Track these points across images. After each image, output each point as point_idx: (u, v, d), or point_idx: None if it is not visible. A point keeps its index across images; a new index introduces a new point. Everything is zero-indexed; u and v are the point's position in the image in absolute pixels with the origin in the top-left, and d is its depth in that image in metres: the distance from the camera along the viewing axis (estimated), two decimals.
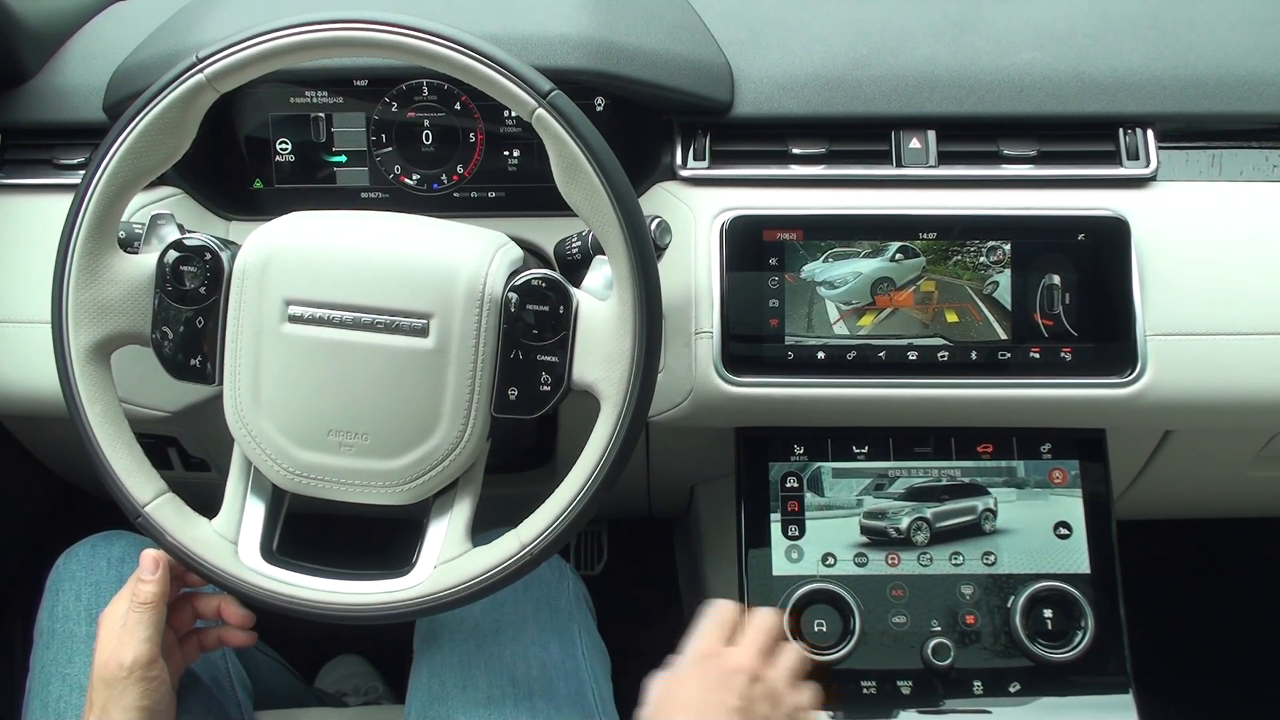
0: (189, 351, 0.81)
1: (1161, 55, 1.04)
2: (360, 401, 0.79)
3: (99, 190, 0.79)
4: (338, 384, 0.79)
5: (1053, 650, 0.98)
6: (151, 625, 0.85)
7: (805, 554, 1.01)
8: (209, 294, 0.81)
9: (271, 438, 0.81)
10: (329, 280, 0.79)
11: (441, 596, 0.79)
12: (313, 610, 0.80)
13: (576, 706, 0.97)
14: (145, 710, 0.83)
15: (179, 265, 0.80)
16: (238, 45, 0.76)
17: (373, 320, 0.78)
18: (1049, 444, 1.03)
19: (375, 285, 0.78)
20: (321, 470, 0.81)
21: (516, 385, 0.79)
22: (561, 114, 0.75)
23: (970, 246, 0.97)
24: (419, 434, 0.79)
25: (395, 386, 0.78)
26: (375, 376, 0.78)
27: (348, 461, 0.80)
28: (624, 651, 1.12)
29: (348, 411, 0.79)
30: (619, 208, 0.75)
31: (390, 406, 0.79)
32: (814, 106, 1.02)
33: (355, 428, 0.79)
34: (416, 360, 0.78)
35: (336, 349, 0.78)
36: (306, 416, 0.80)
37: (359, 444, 0.79)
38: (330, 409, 0.79)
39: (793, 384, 0.97)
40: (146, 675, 0.83)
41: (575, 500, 0.78)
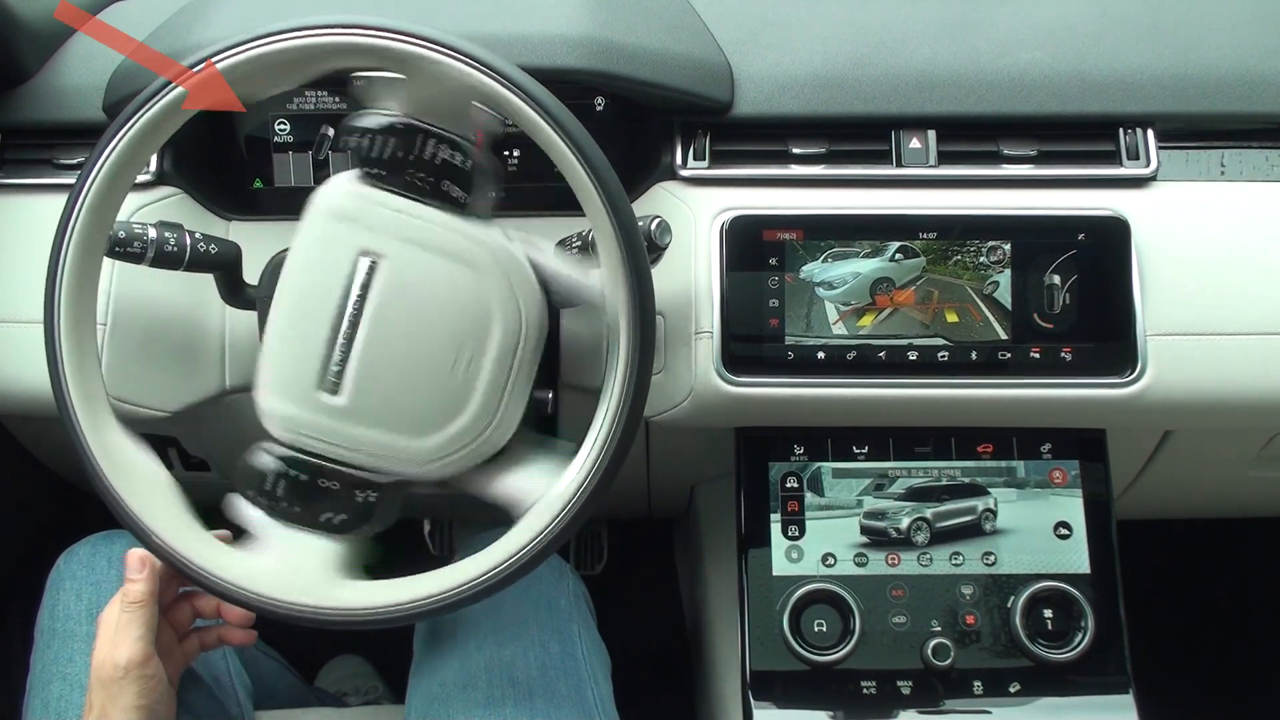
0: (358, 496, 0.80)
1: (1162, 55, 1.04)
2: (429, 341, 0.78)
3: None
4: (409, 358, 0.78)
5: (1053, 650, 0.98)
6: (144, 624, 0.85)
7: (805, 554, 1.01)
8: (308, 476, 0.79)
9: (452, 435, 0.79)
10: (302, 347, 0.78)
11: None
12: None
13: (576, 706, 0.97)
14: (143, 709, 0.83)
15: (279, 497, 0.79)
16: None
17: (353, 311, 0.77)
18: (1049, 444, 1.03)
19: (316, 302, 0.77)
20: (490, 398, 0.79)
21: (451, 183, 0.78)
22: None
23: (970, 246, 0.97)
24: (474, 295, 0.78)
25: (422, 303, 0.77)
26: (408, 319, 0.77)
27: (487, 369, 0.78)
28: (624, 651, 1.12)
29: (436, 354, 0.78)
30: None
31: (440, 314, 0.78)
32: (814, 106, 1.02)
33: (454, 351, 0.78)
34: (401, 277, 0.77)
35: (374, 349, 0.77)
36: (434, 395, 0.78)
37: (471, 350, 0.78)
38: (432, 369, 0.78)
39: (793, 384, 0.97)
40: (142, 674, 0.83)
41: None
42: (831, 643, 0.98)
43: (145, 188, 1.01)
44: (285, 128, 1.04)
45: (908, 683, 0.98)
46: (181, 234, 0.89)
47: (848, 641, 0.98)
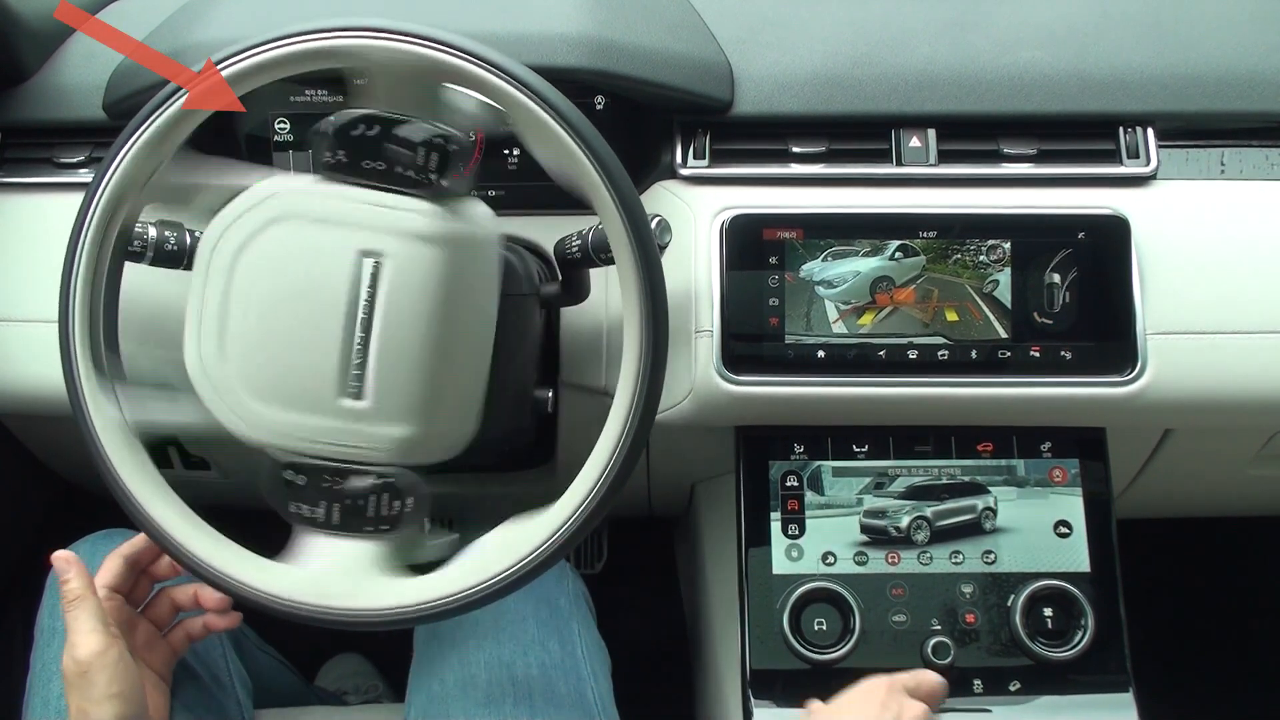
0: (388, 503, 0.79)
1: (1162, 54, 1.04)
2: (439, 330, 0.77)
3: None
4: (424, 347, 0.77)
5: (1053, 649, 0.98)
6: (89, 616, 0.84)
7: (805, 553, 1.01)
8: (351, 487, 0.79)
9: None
10: (313, 358, 0.77)
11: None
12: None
13: (576, 706, 0.97)
14: (119, 697, 0.82)
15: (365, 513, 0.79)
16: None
17: (362, 315, 0.76)
18: (1049, 443, 1.03)
19: (317, 306, 0.76)
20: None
21: (402, 165, 0.76)
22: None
23: (970, 245, 0.97)
24: (475, 271, 0.79)
25: (428, 293, 0.77)
26: (415, 310, 0.77)
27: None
28: (624, 650, 1.12)
29: (446, 340, 0.78)
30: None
31: (446, 302, 0.77)
32: (814, 105, 1.02)
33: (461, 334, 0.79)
34: (404, 271, 0.76)
35: (390, 344, 0.77)
36: (456, 380, 0.79)
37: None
38: (441, 355, 0.78)
39: (793, 383, 0.97)
40: (103, 663, 0.82)
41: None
42: (831, 641, 0.98)
43: None
44: (285, 126, 1.04)
45: None
46: (181, 233, 0.89)
47: (848, 640, 0.98)
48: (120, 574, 0.90)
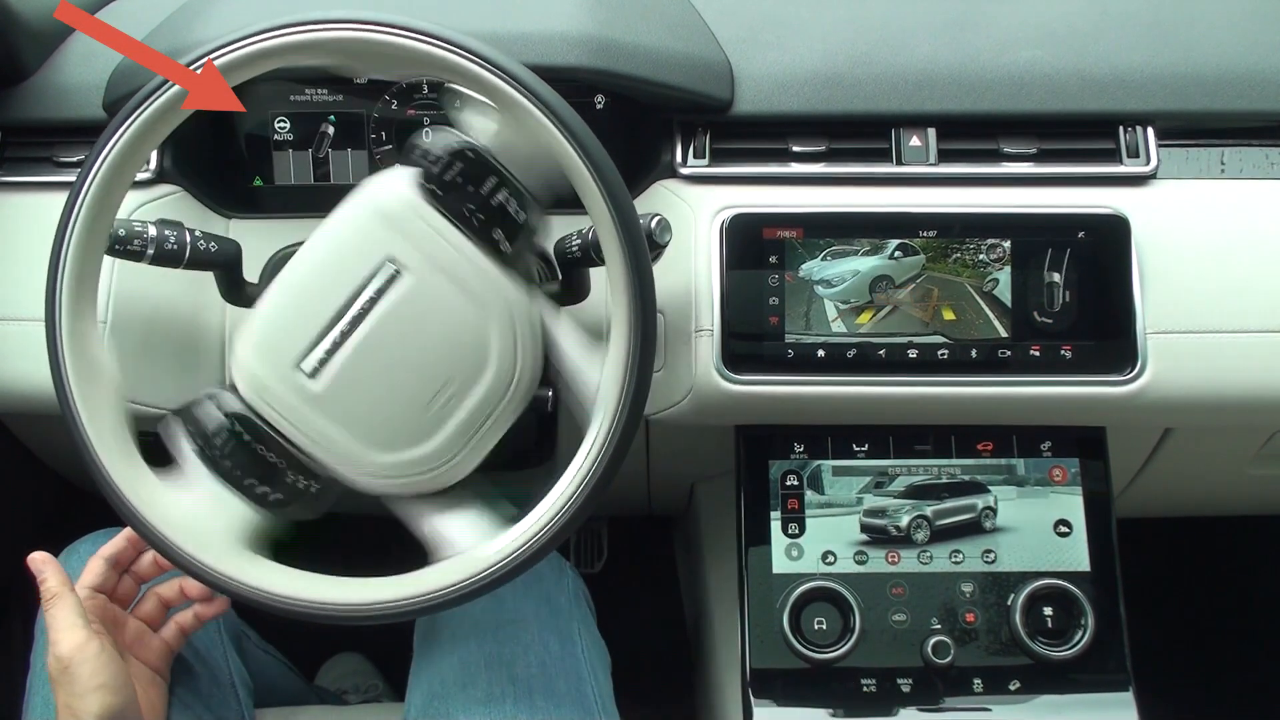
0: (294, 478, 0.80)
1: (1161, 53, 1.04)
2: (420, 364, 0.78)
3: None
4: (395, 373, 0.78)
5: (1052, 648, 0.98)
6: (69, 613, 0.85)
7: (805, 552, 1.01)
8: (254, 441, 0.79)
9: (405, 461, 0.79)
10: (300, 322, 0.78)
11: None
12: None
13: (576, 704, 0.97)
14: (103, 688, 0.82)
15: (221, 452, 0.79)
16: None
17: (359, 310, 0.77)
18: (1049, 442, 1.03)
19: (330, 286, 0.78)
20: (455, 440, 0.79)
21: (501, 232, 0.78)
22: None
23: (970, 244, 0.97)
24: (479, 338, 0.78)
25: (426, 328, 0.78)
26: (408, 338, 0.77)
27: (463, 411, 0.79)
28: (624, 649, 1.12)
29: (422, 380, 0.78)
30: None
31: (440, 345, 0.78)
32: (814, 104, 1.02)
33: (439, 383, 0.78)
34: (417, 297, 0.77)
35: (365, 353, 0.78)
36: (404, 417, 0.79)
37: (454, 389, 0.78)
38: (412, 392, 0.78)
39: (793, 382, 0.97)
40: (84, 657, 0.82)
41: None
42: (831, 640, 0.98)
43: (145, 185, 1.02)
44: (285, 125, 1.04)
45: (908, 680, 0.98)
46: (181, 232, 0.89)
47: (848, 639, 0.98)
48: (101, 574, 0.91)
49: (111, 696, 0.82)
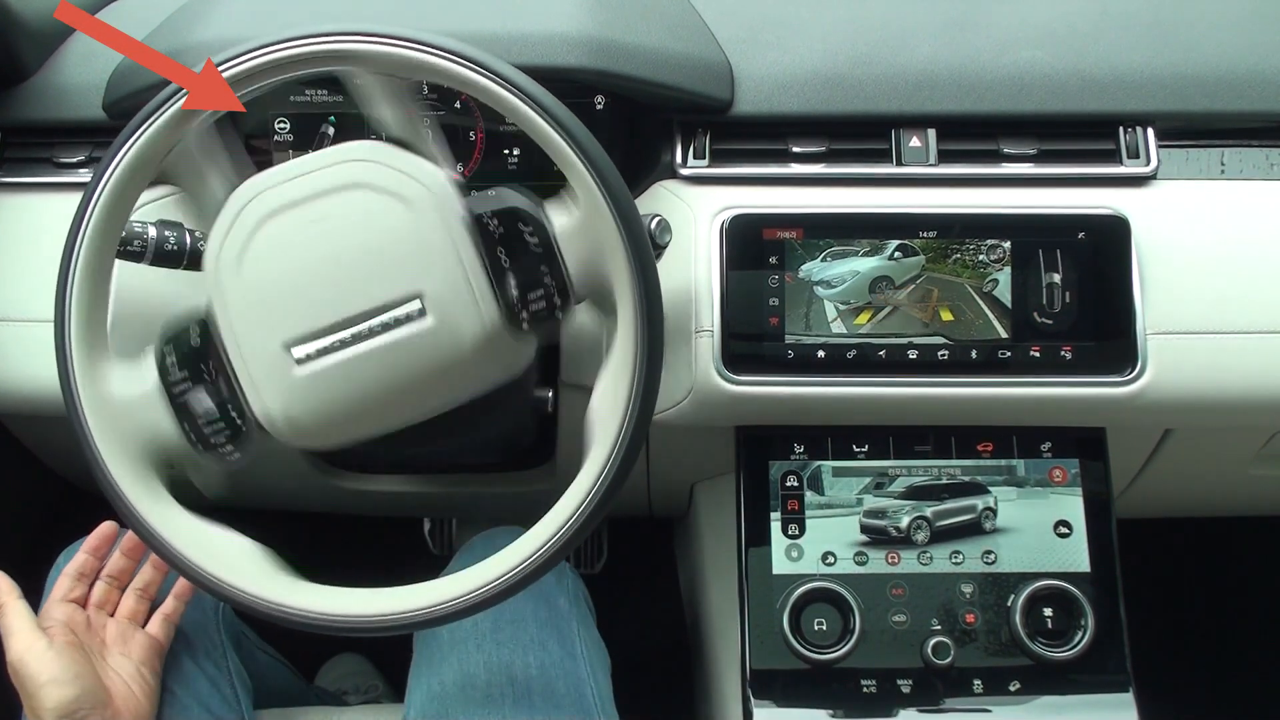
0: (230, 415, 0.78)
1: (1162, 53, 1.04)
2: (401, 404, 0.77)
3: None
4: (375, 397, 0.77)
5: (1053, 649, 0.98)
6: (15, 618, 0.88)
7: (805, 553, 1.01)
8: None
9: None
10: (311, 305, 0.76)
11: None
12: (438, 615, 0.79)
13: (575, 705, 0.97)
14: (52, 683, 0.84)
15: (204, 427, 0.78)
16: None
17: (369, 328, 0.75)
18: (1049, 442, 1.03)
19: (354, 289, 0.75)
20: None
21: (533, 293, 0.78)
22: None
23: (970, 245, 0.97)
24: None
25: (423, 378, 0.76)
26: (401, 377, 0.76)
27: None
28: (623, 650, 1.12)
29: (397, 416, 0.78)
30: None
31: (430, 393, 0.77)
32: (814, 105, 1.02)
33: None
34: (429, 341, 0.76)
35: (355, 366, 0.76)
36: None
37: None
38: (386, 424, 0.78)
39: (793, 383, 0.97)
40: (32, 655, 0.85)
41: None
42: (831, 641, 0.98)
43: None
44: (285, 126, 1.04)
45: (908, 681, 0.98)
46: (181, 232, 0.89)
47: (848, 640, 0.98)
48: (66, 586, 0.95)
49: (60, 689, 0.84)
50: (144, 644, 0.95)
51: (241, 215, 0.76)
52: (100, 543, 0.98)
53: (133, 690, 0.90)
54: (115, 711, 0.87)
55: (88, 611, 0.95)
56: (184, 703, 0.96)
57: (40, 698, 0.83)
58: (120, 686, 0.90)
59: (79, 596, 0.95)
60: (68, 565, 0.97)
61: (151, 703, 0.92)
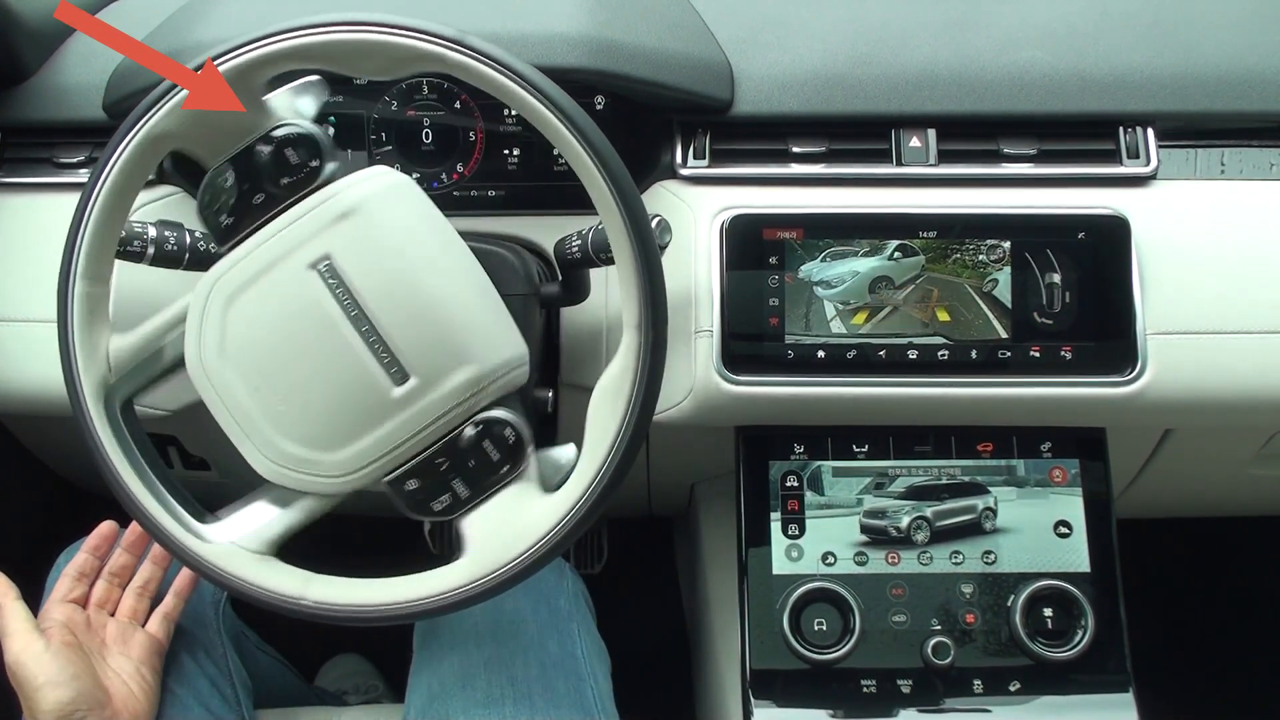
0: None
1: (1162, 54, 1.04)
2: (310, 393, 0.77)
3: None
4: (304, 354, 0.76)
5: (1053, 649, 0.98)
6: (13, 619, 0.88)
7: (805, 553, 1.01)
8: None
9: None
10: (372, 278, 0.76)
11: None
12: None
13: (575, 705, 0.97)
14: (49, 684, 0.84)
15: None
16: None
17: (371, 339, 0.75)
18: (1049, 443, 1.03)
19: (398, 317, 0.75)
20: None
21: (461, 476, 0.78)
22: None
23: (970, 245, 0.97)
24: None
25: (345, 400, 0.76)
26: (333, 376, 0.76)
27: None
28: (623, 650, 1.12)
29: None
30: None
31: (337, 414, 0.77)
32: (814, 105, 1.02)
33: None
34: (376, 392, 0.76)
35: (326, 328, 0.76)
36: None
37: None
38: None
39: (793, 383, 0.97)
40: (28, 657, 0.85)
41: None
42: (831, 641, 0.98)
43: (145, 186, 1.01)
44: None
45: (908, 681, 0.98)
46: (181, 233, 0.89)
47: (848, 640, 0.98)
48: (66, 587, 0.95)
49: (57, 691, 0.84)
50: (144, 643, 0.95)
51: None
52: (100, 542, 0.98)
53: (132, 690, 0.90)
54: (114, 712, 0.87)
55: (88, 611, 0.95)
56: (184, 702, 0.96)
57: (38, 699, 0.83)
58: (120, 686, 0.90)
59: (79, 596, 0.95)
60: (68, 565, 0.97)
61: (151, 702, 0.92)
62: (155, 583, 0.99)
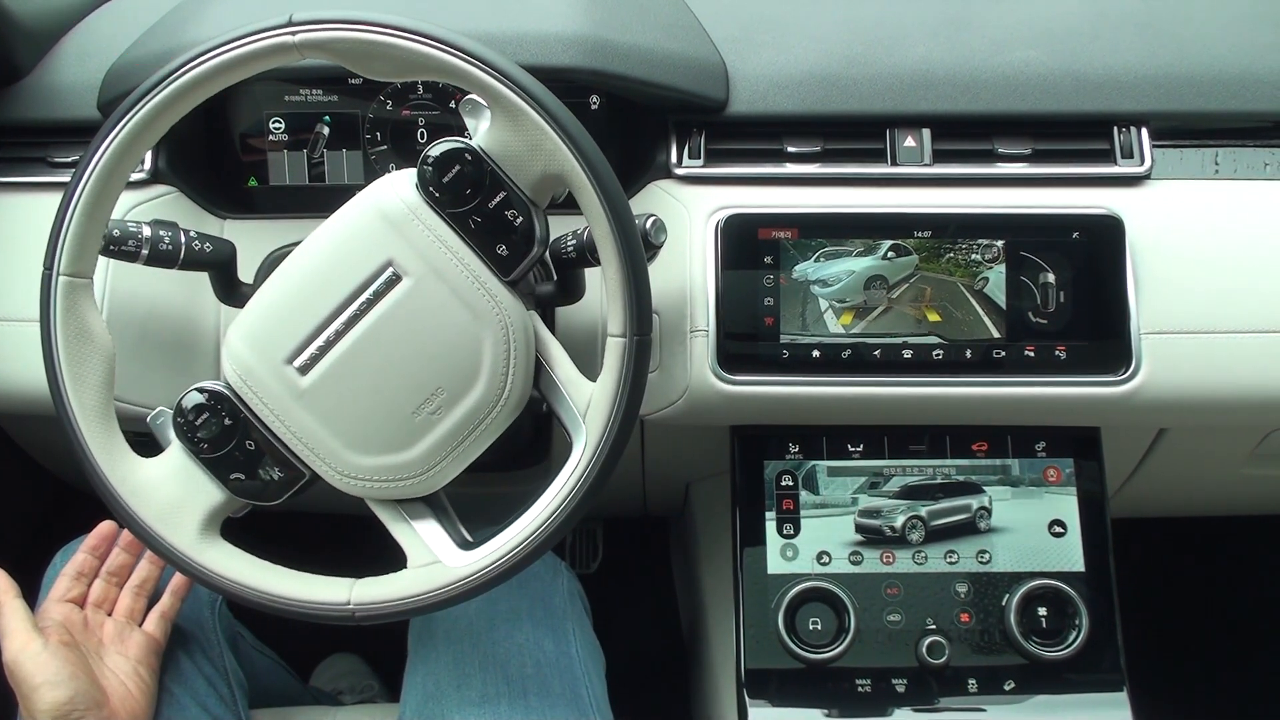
0: (268, 469, 0.81)
1: (1156, 54, 1.04)
2: (410, 370, 0.78)
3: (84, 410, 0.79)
4: (382, 374, 0.78)
5: (1047, 648, 0.98)
6: (12, 618, 0.88)
7: (800, 552, 1.01)
8: (234, 421, 0.80)
9: (382, 465, 0.80)
10: (297, 316, 0.78)
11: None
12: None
13: (570, 704, 0.97)
14: (46, 684, 0.84)
15: (194, 424, 0.80)
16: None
17: (356, 309, 0.77)
18: (1044, 442, 1.04)
19: (328, 284, 0.78)
20: (438, 449, 0.79)
21: (499, 242, 0.78)
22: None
23: (963, 244, 0.97)
24: (472, 349, 0.78)
25: (420, 334, 0.78)
26: (400, 342, 0.78)
27: (447, 422, 0.79)
28: (619, 649, 1.12)
29: (409, 386, 0.78)
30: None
31: (433, 351, 0.78)
32: (809, 105, 1.02)
33: (426, 392, 0.78)
34: (414, 300, 0.77)
35: (355, 352, 0.78)
36: (386, 422, 0.79)
37: (441, 400, 0.78)
38: (396, 397, 0.78)
39: (788, 382, 0.97)
40: (26, 656, 0.85)
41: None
42: (826, 641, 0.99)
43: (140, 186, 1.01)
44: (280, 126, 1.04)
45: (902, 681, 0.98)
46: (176, 232, 0.89)
47: (843, 639, 0.98)
48: (65, 586, 0.95)
49: (54, 691, 0.84)
50: (141, 643, 0.95)
51: None
52: (99, 542, 0.98)
53: (130, 689, 0.90)
54: (112, 711, 0.87)
55: (85, 611, 0.95)
56: (181, 702, 0.96)
57: (35, 699, 0.83)
58: (117, 686, 0.90)
59: (77, 596, 0.95)
60: (66, 565, 0.97)
61: (149, 702, 0.92)
62: (152, 582, 0.99)
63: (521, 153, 0.76)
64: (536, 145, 0.75)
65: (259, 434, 0.80)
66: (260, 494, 0.81)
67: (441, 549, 0.81)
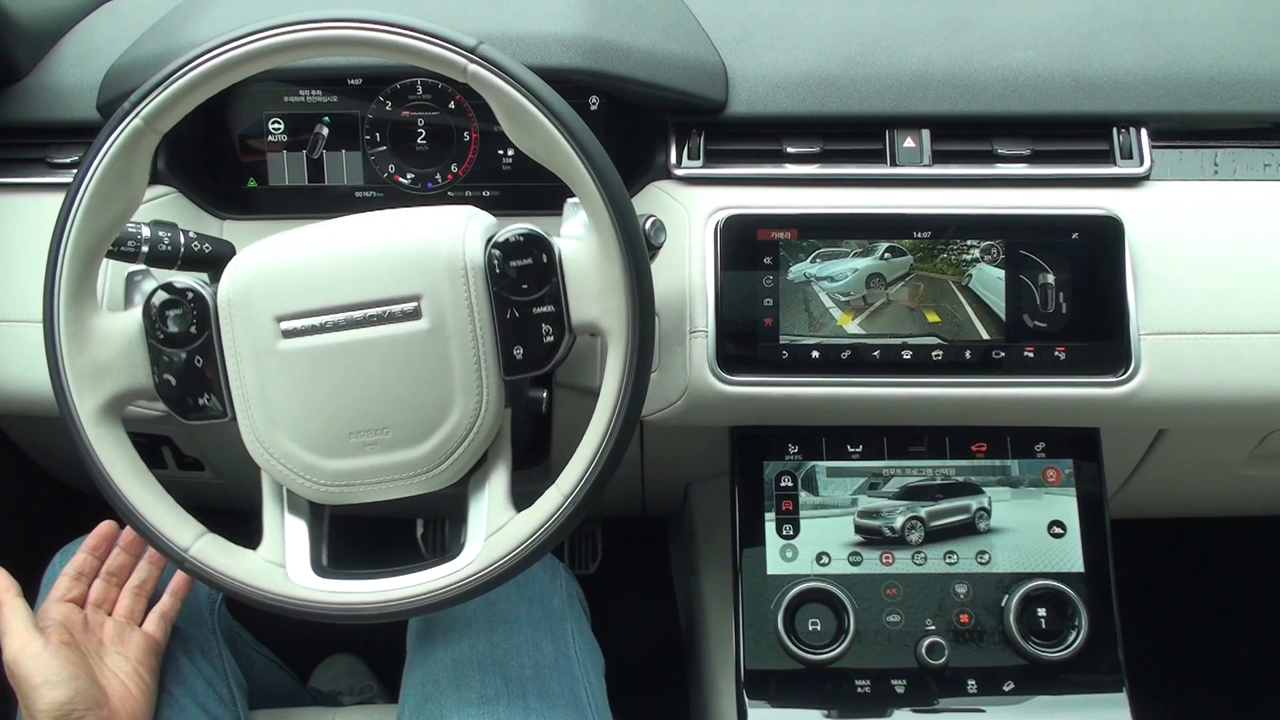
0: (194, 392, 0.81)
1: (1155, 54, 1.04)
2: (373, 397, 0.78)
3: (67, 259, 0.78)
4: (347, 385, 0.78)
5: (1047, 649, 0.98)
6: (12, 617, 0.88)
7: (799, 553, 1.01)
8: (200, 332, 0.80)
9: (295, 455, 0.80)
10: (312, 287, 0.78)
11: (499, 566, 0.78)
12: (375, 612, 0.79)
13: (569, 705, 0.97)
14: (46, 684, 0.84)
15: (165, 311, 0.80)
16: (164, 83, 0.76)
17: (364, 316, 0.77)
18: (1043, 443, 1.03)
19: (358, 280, 0.78)
20: (351, 475, 0.80)
21: (520, 344, 0.79)
22: (494, 63, 0.74)
23: (957, 244, 0.97)
24: (437, 415, 0.78)
25: (403, 374, 0.78)
26: (381, 369, 0.78)
27: (375, 459, 0.79)
28: (618, 650, 1.12)
29: (363, 410, 0.78)
30: (573, 141, 0.74)
31: (402, 395, 0.78)
32: (808, 105, 1.02)
33: (374, 424, 0.78)
34: (417, 343, 0.77)
35: (337, 352, 0.78)
36: (324, 425, 0.79)
37: (381, 439, 0.79)
38: (346, 411, 0.78)
39: (787, 383, 0.97)
40: (27, 656, 0.85)
41: (605, 438, 0.77)
42: (826, 641, 0.98)
43: None
44: (279, 126, 1.04)
45: (902, 681, 0.98)
46: (175, 233, 0.89)
47: (842, 640, 0.98)
48: (65, 586, 0.95)
49: (54, 691, 0.84)
50: (141, 643, 0.95)
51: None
52: (99, 542, 0.98)
53: (130, 690, 0.90)
54: (111, 711, 0.87)
55: (85, 611, 0.95)
56: (181, 703, 0.96)
57: (34, 699, 0.83)
58: (117, 686, 0.90)
59: (77, 596, 0.95)
60: (66, 565, 0.97)
61: (149, 702, 0.92)
62: (152, 583, 0.99)
63: (590, 270, 0.77)
64: (611, 275, 0.76)
65: (211, 359, 0.80)
66: (175, 405, 0.81)
67: (294, 559, 0.81)
